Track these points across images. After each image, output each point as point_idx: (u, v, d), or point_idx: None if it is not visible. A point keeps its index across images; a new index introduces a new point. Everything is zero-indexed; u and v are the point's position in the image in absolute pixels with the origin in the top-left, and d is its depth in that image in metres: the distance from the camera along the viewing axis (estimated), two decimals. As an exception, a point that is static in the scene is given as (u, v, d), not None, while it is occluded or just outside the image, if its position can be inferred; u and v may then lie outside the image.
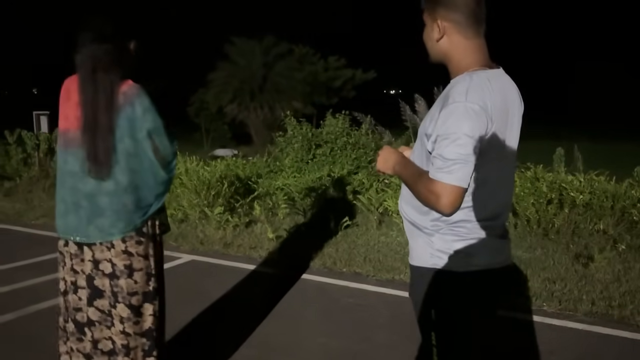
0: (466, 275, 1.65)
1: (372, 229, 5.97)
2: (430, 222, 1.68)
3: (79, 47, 2.11)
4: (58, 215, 2.19)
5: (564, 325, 3.60)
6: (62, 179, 2.15)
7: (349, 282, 4.46)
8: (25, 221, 6.50)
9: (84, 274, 2.15)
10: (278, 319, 3.70)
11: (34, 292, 4.14)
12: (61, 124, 2.18)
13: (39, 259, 4.99)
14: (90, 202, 2.11)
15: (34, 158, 8.14)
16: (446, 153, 1.54)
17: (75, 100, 2.11)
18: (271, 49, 21.07)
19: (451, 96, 1.58)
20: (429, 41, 1.75)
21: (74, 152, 2.11)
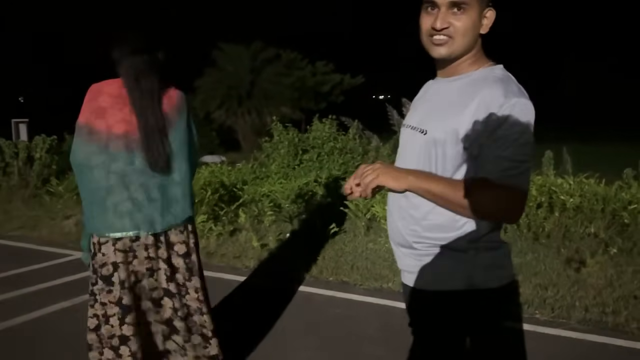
0: (500, 290, 1.53)
1: (360, 236, 5.83)
2: (465, 237, 1.49)
3: (119, 59, 2.39)
4: (120, 216, 2.34)
5: (557, 334, 3.47)
6: (127, 180, 2.34)
7: (336, 292, 4.30)
8: (2, 233, 6.29)
9: (161, 258, 2.44)
10: (261, 332, 3.54)
11: (4, 307, 3.95)
12: (119, 127, 2.34)
13: (12, 272, 4.79)
14: (162, 194, 2.40)
15: (13, 167, 7.93)
16: (513, 154, 1.40)
17: (128, 105, 2.36)
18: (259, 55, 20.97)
19: (501, 94, 1.42)
20: (471, 32, 1.49)
21: (137, 152, 2.35)
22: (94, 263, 2.43)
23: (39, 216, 6.75)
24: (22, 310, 3.86)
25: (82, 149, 2.34)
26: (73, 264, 5.10)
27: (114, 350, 2.42)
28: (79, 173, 2.40)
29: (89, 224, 2.42)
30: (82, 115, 2.38)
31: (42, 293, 4.27)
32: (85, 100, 2.38)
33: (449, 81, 1.57)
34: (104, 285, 2.39)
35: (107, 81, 2.42)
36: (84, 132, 2.35)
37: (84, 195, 2.42)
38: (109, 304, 2.40)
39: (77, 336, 3.47)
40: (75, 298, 4.13)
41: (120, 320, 2.39)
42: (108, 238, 2.36)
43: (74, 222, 6.44)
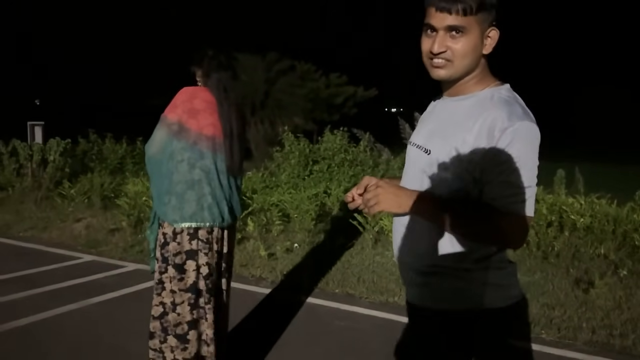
0: (507, 310, 1.51)
1: (367, 248, 5.81)
2: (471, 257, 1.48)
3: (207, 72, 2.71)
4: (201, 208, 2.59)
5: (563, 355, 3.43)
6: (210, 177, 2.61)
7: (341, 304, 4.30)
8: (13, 233, 6.36)
9: (221, 252, 2.73)
10: (265, 342, 3.54)
11: (13, 308, 3.98)
12: (209, 129, 2.62)
13: (21, 272, 4.84)
14: (231, 194, 2.72)
15: (27, 169, 8.02)
16: (517, 180, 1.38)
17: (216, 112, 2.64)
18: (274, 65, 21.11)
19: (505, 116, 1.40)
20: (473, 53, 1.46)
21: (220, 155, 2.65)
22: (164, 252, 2.61)
23: (49, 218, 6.82)
24: (30, 310, 3.90)
25: (168, 142, 2.58)
26: (82, 267, 5.15)
27: (178, 338, 2.58)
28: (156, 163, 2.64)
29: (166, 214, 2.59)
30: (173, 113, 2.62)
31: (50, 294, 4.31)
32: (179, 99, 2.63)
33: (455, 100, 1.55)
34: (176, 273, 2.59)
35: (197, 87, 2.74)
36: (174, 128, 2.59)
37: (159, 185, 2.64)
38: (178, 292, 2.59)
39: (86, 338, 3.52)
40: (83, 300, 4.16)
41: (191, 305, 2.59)
42: (184, 228, 2.57)
43: (84, 225, 6.50)
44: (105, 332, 3.64)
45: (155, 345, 2.62)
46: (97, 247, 5.77)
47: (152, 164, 2.67)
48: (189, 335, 2.60)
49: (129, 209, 6.21)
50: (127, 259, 5.44)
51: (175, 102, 2.64)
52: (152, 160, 2.66)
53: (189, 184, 2.59)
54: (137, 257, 5.46)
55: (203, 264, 2.63)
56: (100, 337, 3.56)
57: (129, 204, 6.26)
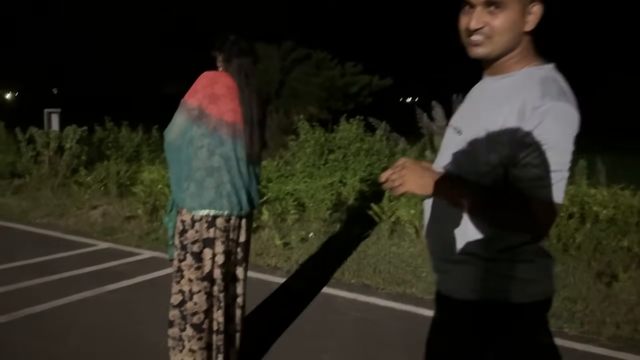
0: (533, 306, 1.44)
1: (383, 239, 5.74)
2: (495, 246, 1.42)
3: (228, 58, 2.65)
4: (220, 195, 2.54)
5: (587, 351, 3.34)
6: (230, 164, 2.56)
7: (357, 295, 4.23)
8: (29, 220, 6.39)
9: (237, 241, 2.68)
10: (280, 331, 3.49)
11: (29, 294, 3.99)
12: (229, 115, 2.56)
13: (38, 259, 4.85)
14: (250, 182, 2.67)
15: (44, 156, 8.05)
16: (545, 163, 1.30)
17: (236, 98, 2.58)
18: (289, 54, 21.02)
19: (538, 96, 1.33)
20: (512, 29, 1.40)
21: (240, 142, 2.59)
22: (182, 240, 2.57)
23: (66, 205, 6.84)
24: (46, 297, 3.89)
25: (188, 128, 2.53)
26: (98, 254, 5.15)
27: (195, 328, 2.55)
28: (175, 149, 2.59)
29: (184, 201, 2.56)
30: (193, 98, 2.54)
31: (67, 281, 4.31)
32: (200, 84, 2.56)
33: (494, 80, 1.49)
34: (194, 261, 2.56)
35: (218, 72, 2.67)
36: (195, 113, 2.52)
37: (178, 172, 2.61)
38: (195, 280, 2.56)
39: (101, 325, 3.50)
40: (98, 288, 4.16)
41: (207, 294, 2.56)
42: (202, 215, 2.53)
43: (100, 212, 6.51)
44: (120, 320, 3.62)
45: (174, 333, 2.59)
46: (113, 234, 5.77)
47: (171, 150, 2.62)
48: (204, 324, 2.57)
49: (145, 197, 6.20)
50: (143, 246, 5.43)
51: (195, 87, 2.58)
52: (171, 146, 2.61)
53: (208, 170, 2.54)
54: (153, 245, 5.45)
55: (219, 252, 2.59)
56: (115, 324, 3.54)
57: (144, 191, 6.24)
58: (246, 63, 2.65)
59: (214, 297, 2.61)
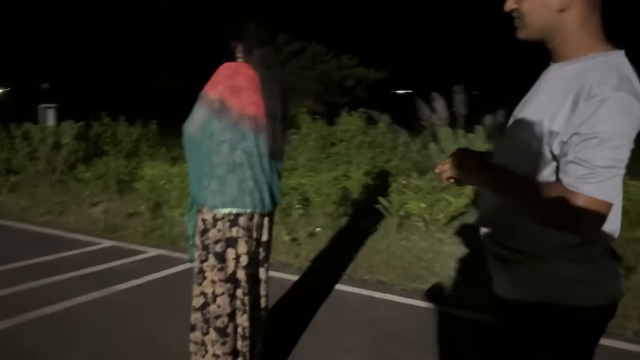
0: (588, 310, 1.34)
1: (391, 233, 5.65)
2: (546, 244, 1.33)
3: (249, 48, 2.51)
4: (242, 193, 2.42)
5: (614, 346, 3.26)
6: (252, 160, 2.43)
7: (372, 292, 4.14)
8: (29, 218, 6.24)
9: (260, 240, 2.58)
10: (298, 332, 3.40)
11: (36, 296, 3.86)
12: (251, 109, 2.42)
13: (41, 259, 4.71)
14: (272, 178, 2.54)
15: (41, 152, 7.88)
16: (594, 158, 1.20)
17: (258, 90, 2.45)
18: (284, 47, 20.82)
19: (595, 84, 1.23)
20: (542, 10, 1.35)
21: (262, 136, 2.46)
22: (204, 239, 2.46)
23: (66, 202, 6.68)
24: (54, 299, 3.77)
25: (209, 121, 2.40)
26: (102, 252, 5.02)
27: (218, 332, 2.45)
28: (195, 144, 2.46)
29: (205, 199, 2.44)
30: (214, 89, 2.40)
31: (72, 282, 4.18)
32: (221, 76, 2.43)
33: (556, 67, 1.40)
34: (216, 262, 2.45)
35: (239, 63, 2.53)
36: (216, 106, 2.39)
37: (198, 168, 2.48)
38: (218, 282, 2.46)
39: (112, 327, 3.38)
40: (106, 288, 4.03)
41: (230, 297, 2.45)
42: (225, 214, 2.42)
43: (101, 209, 6.37)
44: (132, 321, 3.50)
45: (197, 338, 2.48)
46: (116, 232, 5.63)
47: (191, 145, 2.49)
48: (228, 328, 2.46)
49: (148, 193, 6.06)
50: (148, 244, 5.30)
51: (216, 78, 2.44)
52: (191, 140, 2.47)
53: (230, 166, 2.41)
54: (159, 242, 5.33)
55: (243, 252, 2.48)
56: (127, 326, 3.42)
57: (147, 187, 6.10)
58: (268, 53, 2.53)
59: (238, 300, 2.51)
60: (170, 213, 5.98)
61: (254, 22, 2.59)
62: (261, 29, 2.57)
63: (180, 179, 6.02)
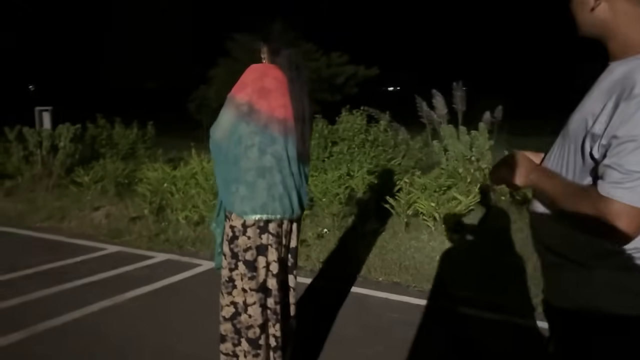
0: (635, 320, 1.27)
1: (400, 232, 5.59)
2: (588, 250, 1.28)
3: (276, 49, 2.43)
4: (272, 198, 2.35)
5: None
6: (282, 164, 2.36)
7: (389, 294, 4.08)
8: (28, 223, 6.08)
9: (288, 247, 2.51)
10: (317, 338, 3.32)
11: (45, 305, 3.74)
12: (280, 111, 2.36)
13: (46, 266, 4.59)
14: (300, 183, 2.46)
15: (36, 156, 7.71)
16: (629, 162, 1.15)
17: (286, 92, 2.38)
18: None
19: (637, 84, 1.17)
20: (580, 11, 1.36)
21: (291, 139, 2.39)
22: (233, 247, 2.39)
23: (66, 207, 6.53)
24: (64, 308, 3.65)
25: (236, 125, 2.33)
26: (108, 258, 4.90)
27: (250, 343, 2.37)
28: (222, 148, 2.38)
29: (233, 205, 2.36)
30: (242, 92, 2.34)
31: (81, 290, 4.07)
32: (249, 78, 2.37)
33: (612, 66, 1.34)
34: (247, 270, 2.37)
35: (266, 64, 2.47)
36: (244, 109, 2.32)
37: (225, 173, 2.41)
38: (249, 291, 2.37)
39: (128, 337, 3.28)
40: (116, 296, 3.93)
41: (262, 306, 2.37)
42: (255, 221, 2.34)
43: (103, 213, 6.23)
44: (147, 330, 3.40)
45: (227, 349, 2.40)
46: (120, 237, 5.51)
47: (218, 150, 2.40)
48: (260, 339, 2.38)
49: (151, 196, 5.95)
50: (155, 248, 5.19)
51: (244, 81, 2.37)
52: (218, 145, 2.39)
53: (259, 171, 2.33)
54: (165, 247, 5.22)
55: (273, 260, 2.41)
56: (143, 335, 3.32)
57: (150, 190, 5.98)
58: (295, 54, 2.47)
59: (269, 310, 2.43)
60: (174, 216, 5.87)
61: (280, 22, 2.52)
62: (288, 29, 2.50)
63: (184, 181, 5.92)
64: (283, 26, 2.49)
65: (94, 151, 8.64)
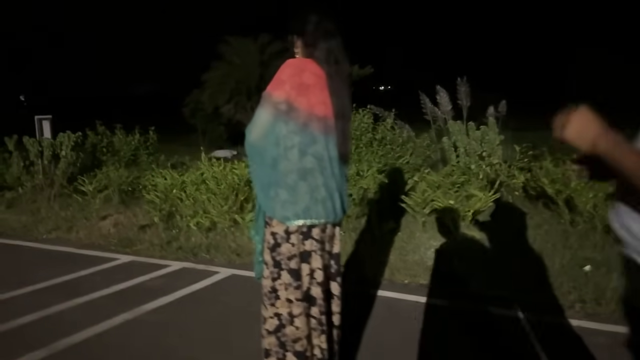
0: None
1: (417, 232, 5.46)
2: None
3: (313, 41, 2.28)
4: (315, 202, 2.22)
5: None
6: (323, 165, 2.23)
7: (418, 297, 3.94)
8: (35, 235, 5.91)
9: (331, 252, 2.39)
10: (354, 346, 3.18)
11: (63, 321, 3.59)
12: (320, 109, 2.22)
13: (59, 279, 4.43)
14: (341, 185, 2.33)
15: (37, 166, 7.53)
16: None
17: (326, 87, 2.24)
18: (266, 48, 20.57)
19: None
20: None
21: (332, 138, 2.25)
22: (275, 255, 2.25)
23: (72, 217, 6.37)
24: (83, 323, 3.50)
25: (273, 125, 2.19)
26: (122, 269, 4.74)
27: (299, 357, 2.24)
28: (259, 150, 2.23)
29: (274, 210, 2.23)
30: (279, 89, 2.18)
31: (99, 303, 3.91)
32: (286, 73, 2.21)
33: None
34: (292, 279, 2.24)
35: (304, 59, 2.29)
36: (282, 107, 2.17)
37: (263, 176, 2.26)
38: (295, 301, 2.24)
39: (153, 351, 3.14)
40: (136, 308, 3.78)
41: (307, 317, 2.26)
42: (298, 226, 2.22)
43: (111, 222, 6.07)
44: (173, 343, 3.25)
45: None
46: (131, 246, 5.35)
47: (255, 152, 2.26)
48: (308, 352, 2.25)
49: (160, 203, 5.79)
50: (168, 257, 5.04)
51: (280, 77, 2.21)
52: (255, 146, 2.24)
53: (300, 173, 2.19)
54: (179, 255, 5.07)
55: (317, 267, 2.28)
56: (169, 349, 3.17)
57: (159, 197, 5.83)
58: (335, 46, 2.30)
59: (314, 320, 2.30)
60: (184, 223, 5.72)
61: (316, 13, 2.35)
62: (325, 19, 2.33)
63: (194, 187, 5.77)
64: (319, 17, 2.32)
65: (95, 159, 8.47)
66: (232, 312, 3.65)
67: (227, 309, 3.72)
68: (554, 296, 3.85)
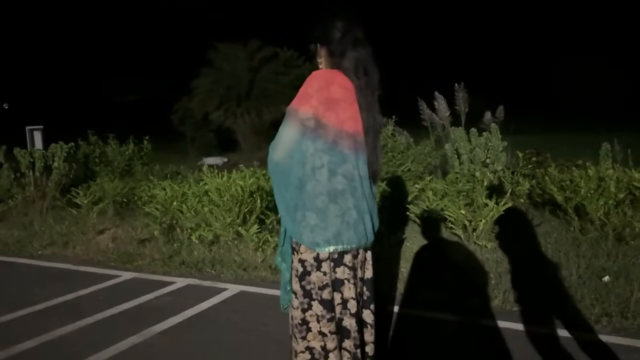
0: None
1: (425, 242, 5.33)
2: None
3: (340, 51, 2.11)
4: (347, 226, 2.06)
5: None
6: (354, 185, 2.07)
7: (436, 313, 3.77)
8: (29, 251, 5.67)
9: (364, 278, 2.22)
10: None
11: (68, 345, 3.38)
12: (350, 124, 2.07)
13: (60, 299, 4.21)
14: (372, 206, 2.17)
15: (29, 177, 7.27)
16: None
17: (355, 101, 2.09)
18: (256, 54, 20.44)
19: None
20: None
21: (362, 156, 2.09)
22: (304, 284, 2.07)
23: (67, 231, 6.12)
24: (90, 349, 3.29)
25: (300, 143, 2.02)
26: (126, 287, 4.53)
27: None
28: (284, 170, 2.06)
29: (302, 235, 2.04)
30: (306, 105, 2.02)
31: (104, 325, 3.70)
32: (313, 87, 2.04)
33: None
34: (324, 311, 2.06)
35: (331, 70, 2.11)
36: (310, 124, 2.01)
37: (288, 198, 2.08)
38: (329, 335, 2.06)
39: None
40: (144, 330, 3.58)
41: (341, 351, 2.11)
42: (328, 253, 2.06)
43: (109, 237, 5.85)
44: (188, 369, 3.07)
45: None
46: (131, 261, 5.14)
47: (279, 172, 2.08)
48: None
49: (161, 216, 5.59)
50: (172, 273, 4.84)
51: (307, 90, 2.03)
52: (279, 166, 2.07)
53: (330, 195, 2.02)
54: (183, 271, 4.87)
55: (350, 297, 2.11)
56: (186, 376, 2.99)
57: (160, 210, 5.63)
58: (364, 56, 2.12)
59: (347, 353, 2.13)
60: (185, 236, 5.53)
61: (343, 19, 2.15)
62: (353, 26, 2.14)
63: (196, 199, 5.57)
64: (346, 24, 2.13)
65: (87, 170, 8.23)
66: (247, 334, 3.47)
67: (241, 331, 3.53)
68: (578, 310, 3.73)
